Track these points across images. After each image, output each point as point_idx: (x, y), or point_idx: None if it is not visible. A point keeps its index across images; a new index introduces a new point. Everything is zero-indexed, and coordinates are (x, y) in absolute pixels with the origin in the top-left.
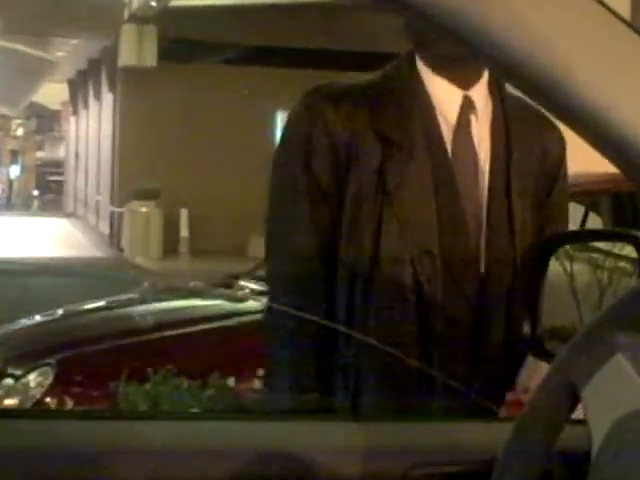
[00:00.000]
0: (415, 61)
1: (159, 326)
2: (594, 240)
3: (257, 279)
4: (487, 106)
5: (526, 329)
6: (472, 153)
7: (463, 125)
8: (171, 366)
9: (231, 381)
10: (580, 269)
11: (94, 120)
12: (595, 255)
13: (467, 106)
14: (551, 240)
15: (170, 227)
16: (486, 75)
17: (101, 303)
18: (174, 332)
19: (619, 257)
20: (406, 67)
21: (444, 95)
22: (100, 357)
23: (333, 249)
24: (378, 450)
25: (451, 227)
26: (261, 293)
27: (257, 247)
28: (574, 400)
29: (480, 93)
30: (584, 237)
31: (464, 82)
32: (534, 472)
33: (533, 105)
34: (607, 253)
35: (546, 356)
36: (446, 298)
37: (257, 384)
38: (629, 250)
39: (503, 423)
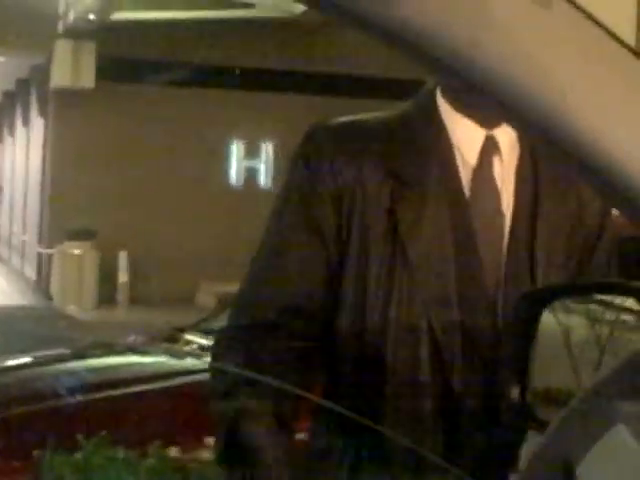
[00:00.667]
0: (435, 96)
1: (92, 386)
2: (594, 292)
3: (206, 333)
4: (514, 149)
5: (514, 392)
6: (493, 197)
7: (484, 167)
8: (105, 433)
9: (174, 451)
10: (576, 322)
11: (21, 149)
12: (594, 307)
13: (490, 147)
14: (544, 291)
15: (107, 272)
16: None
17: (25, 359)
18: (109, 393)
19: (621, 310)
20: (425, 102)
21: (464, 133)
22: (22, 422)
23: (331, 303)
24: None
25: (468, 276)
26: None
27: (206, 296)
28: (569, 478)
29: (506, 134)
30: (582, 290)
31: (488, 121)
32: None
33: None
34: (607, 304)
35: (538, 425)
36: (463, 355)
37: (205, 455)
38: (632, 302)
39: None
